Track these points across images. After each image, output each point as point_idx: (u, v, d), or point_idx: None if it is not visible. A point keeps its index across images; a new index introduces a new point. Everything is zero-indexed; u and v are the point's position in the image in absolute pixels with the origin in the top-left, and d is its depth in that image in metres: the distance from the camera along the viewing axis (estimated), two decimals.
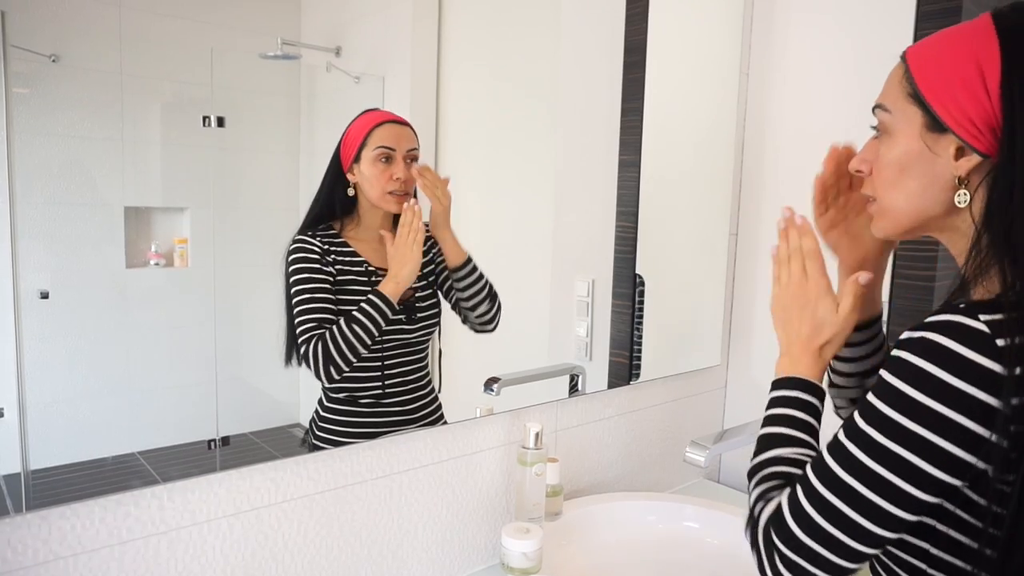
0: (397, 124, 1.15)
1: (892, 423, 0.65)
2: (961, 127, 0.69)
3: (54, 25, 0.87)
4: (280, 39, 1.05)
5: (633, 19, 1.51)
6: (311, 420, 1.14)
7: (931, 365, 0.63)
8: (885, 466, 0.66)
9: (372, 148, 1.12)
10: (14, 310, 0.86)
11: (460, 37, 1.26)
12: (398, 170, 1.14)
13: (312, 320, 1.09)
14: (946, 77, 0.70)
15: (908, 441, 0.64)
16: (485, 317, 1.27)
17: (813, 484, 0.70)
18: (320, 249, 1.11)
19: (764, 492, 0.78)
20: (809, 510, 0.70)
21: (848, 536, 0.68)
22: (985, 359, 0.61)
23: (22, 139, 0.84)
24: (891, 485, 0.65)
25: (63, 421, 0.91)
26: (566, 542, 1.33)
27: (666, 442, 1.71)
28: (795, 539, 0.70)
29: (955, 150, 0.71)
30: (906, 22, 1.44)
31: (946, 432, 0.63)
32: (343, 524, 1.13)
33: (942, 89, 0.70)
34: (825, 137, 1.62)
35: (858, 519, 0.67)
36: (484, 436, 1.30)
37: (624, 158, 1.54)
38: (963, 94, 0.69)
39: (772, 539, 0.72)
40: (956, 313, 0.64)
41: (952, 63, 0.70)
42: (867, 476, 0.67)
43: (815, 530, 0.69)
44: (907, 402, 0.65)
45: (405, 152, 1.15)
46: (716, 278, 1.78)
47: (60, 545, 0.87)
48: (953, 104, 0.69)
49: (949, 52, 0.71)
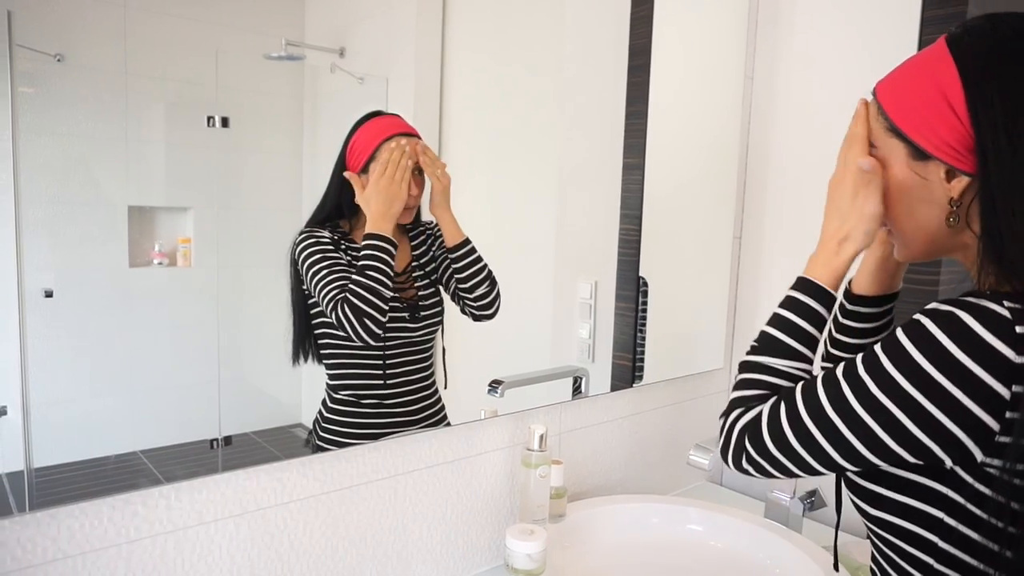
0: (408, 138, 1.15)
1: (891, 380, 0.67)
2: (943, 152, 0.71)
3: (59, 25, 0.87)
4: (284, 40, 1.05)
5: (638, 22, 1.51)
6: (315, 421, 1.14)
7: (947, 338, 0.64)
8: (873, 416, 0.68)
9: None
10: (18, 309, 0.86)
11: (464, 38, 1.26)
12: (411, 187, 1.14)
13: (335, 287, 1.09)
14: (916, 107, 0.73)
15: (900, 399, 0.66)
16: (484, 300, 1.26)
17: (798, 408, 0.74)
18: (331, 239, 1.11)
19: (746, 397, 0.82)
20: (786, 428, 0.74)
21: (813, 458, 0.73)
22: (1002, 344, 0.62)
23: (27, 138, 0.85)
24: (872, 433, 0.68)
25: (66, 419, 0.91)
26: (570, 544, 1.32)
27: (669, 445, 1.70)
28: (764, 447, 0.76)
29: (944, 173, 0.72)
30: (911, 27, 1.44)
31: (944, 405, 0.64)
32: (348, 525, 1.12)
33: (916, 119, 0.73)
34: (829, 141, 1.62)
35: (829, 450, 0.71)
36: (488, 438, 1.30)
37: (628, 161, 1.54)
38: (936, 121, 0.71)
39: (744, 442, 0.78)
40: (983, 297, 0.65)
41: (919, 93, 0.73)
42: (852, 418, 0.69)
43: (785, 445, 0.74)
44: (913, 367, 0.66)
45: (416, 166, 1.15)
46: (719, 281, 1.77)
47: (69, 544, 0.87)
48: (930, 132, 0.72)
49: (914, 82, 0.73)
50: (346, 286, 1.09)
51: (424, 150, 1.17)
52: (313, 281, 1.10)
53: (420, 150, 1.16)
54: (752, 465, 0.78)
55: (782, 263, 1.74)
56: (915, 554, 0.71)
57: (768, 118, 1.74)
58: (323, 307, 1.10)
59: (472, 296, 1.25)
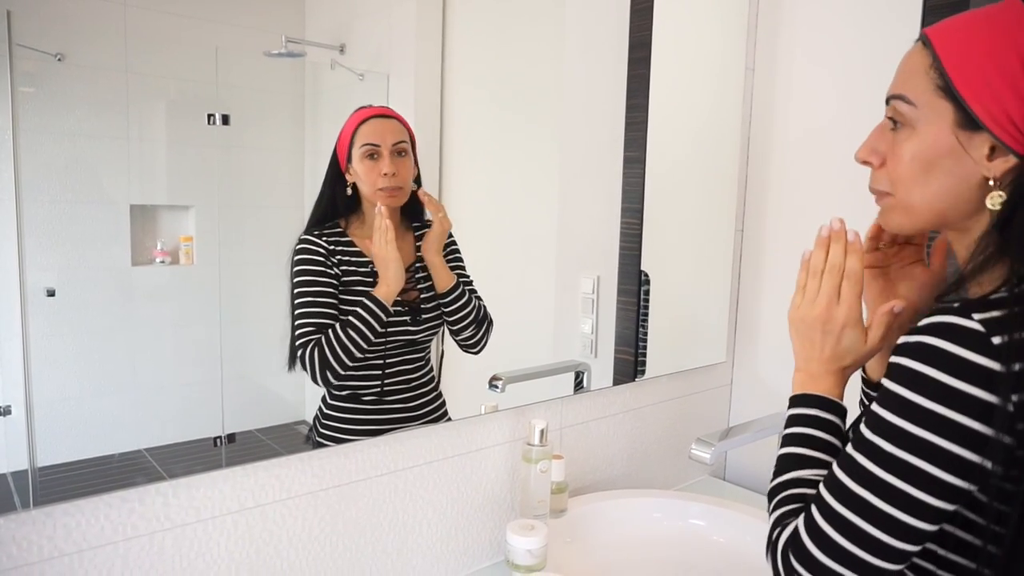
0: (381, 119, 1.14)
1: (897, 430, 0.64)
2: (999, 126, 0.65)
3: (60, 24, 0.87)
4: (284, 37, 1.05)
5: (638, 15, 1.51)
6: (315, 417, 1.14)
7: (928, 368, 0.62)
8: (895, 474, 0.64)
9: (359, 146, 1.12)
10: (21, 308, 0.86)
11: (464, 33, 1.26)
12: (385, 165, 1.13)
13: (311, 325, 1.09)
14: (984, 70, 0.65)
15: (914, 446, 0.63)
16: (469, 342, 1.27)
17: (827, 500, 0.68)
18: (325, 250, 1.11)
19: (781, 516, 0.74)
20: (825, 527, 0.67)
21: (867, 552, 0.65)
22: (982, 357, 0.60)
23: (28, 137, 0.85)
24: (903, 493, 0.63)
25: (70, 418, 0.91)
26: (571, 539, 1.33)
27: (671, 439, 1.71)
28: (813, 559, 0.67)
29: (989, 149, 0.66)
30: (913, 15, 1.43)
31: (950, 434, 0.62)
32: (348, 521, 1.13)
33: (980, 84, 0.65)
34: (831, 132, 1.62)
35: (875, 532, 0.65)
36: (489, 433, 1.30)
37: (629, 154, 1.54)
38: (1004, 91, 0.64)
39: (791, 563, 0.69)
40: (949, 314, 0.63)
41: (991, 54, 0.65)
42: (878, 486, 0.65)
43: (832, 548, 0.66)
44: (909, 407, 0.63)
45: (391, 146, 1.13)
46: (722, 274, 1.77)
47: (65, 542, 0.87)
48: (992, 101, 0.65)
49: (986, 41, 0.65)
50: (321, 327, 1.09)
51: (424, 194, 1.18)
52: (294, 304, 1.10)
53: (421, 194, 1.17)
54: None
55: (784, 256, 1.73)
56: (917, 562, 0.70)
57: (769, 111, 1.74)
58: (292, 337, 1.09)
59: (459, 337, 1.25)
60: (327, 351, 1.09)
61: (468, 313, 1.24)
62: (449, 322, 1.24)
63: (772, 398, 1.76)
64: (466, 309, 1.24)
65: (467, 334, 1.25)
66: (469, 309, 1.24)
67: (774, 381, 1.77)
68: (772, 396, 1.77)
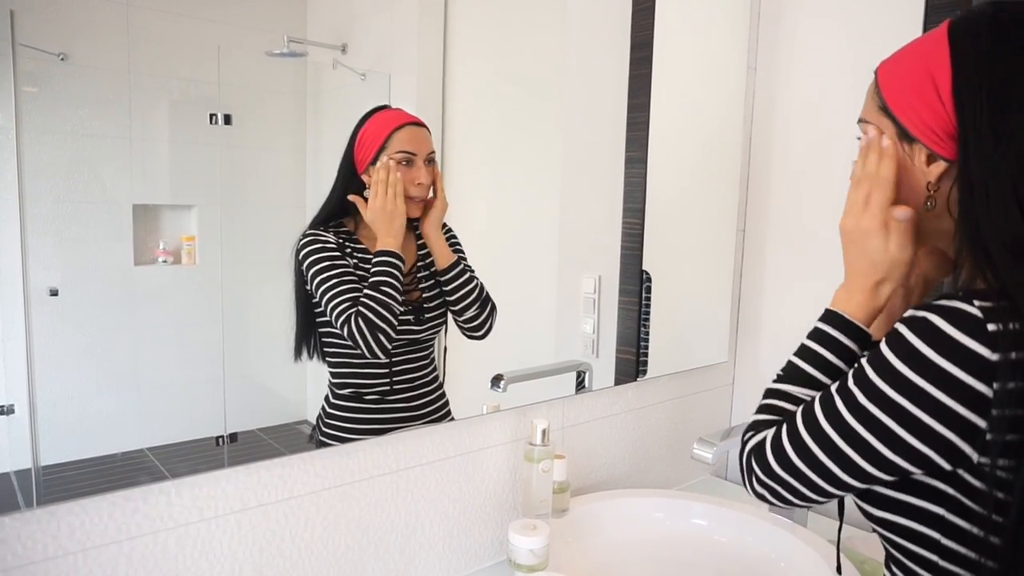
0: (417, 127, 1.14)
1: (878, 390, 0.68)
2: (925, 136, 0.73)
3: (62, 24, 0.87)
4: (286, 36, 1.05)
5: (640, 14, 1.51)
6: (317, 416, 1.14)
7: (921, 343, 0.66)
8: (864, 426, 0.69)
9: (393, 152, 1.12)
10: (24, 307, 0.86)
11: (466, 33, 1.26)
12: (420, 175, 1.13)
13: (346, 299, 1.09)
14: (906, 89, 0.75)
15: (889, 408, 0.67)
16: (474, 323, 1.25)
17: (797, 425, 0.75)
18: (336, 243, 1.11)
19: (758, 422, 0.83)
20: (788, 448, 0.75)
21: (818, 476, 0.73)
22: (975, 343, 0.63)
23: (31, 137, 0.85)
24: (867, 444, 0.69)
25: (73, 417, 0.91)
26: (573, 539, 1.33)
27: (673, 439, 1.71)
28: (770, 468, 0.77)
29: (926, 157, 0.75)
30: (915, 16, 1.43)
31: (926, 406, 0.65)
32: (350, 520, 1.13)
33: (904, 101, 0.75)
34: (833, 132, 1.62)
35: (830, 465, 0.72)
36: (491, 432, 1.30)
37: (631, 154, 1.54)
38: (921, 105, 0.73)
39: (752, 465, 0.79)
40: (954, 299, 0.66)
41: (910, 75, 0.74)
42: (846, 431, 0.70)
43: (788, 465, 0.75)
44: (895, 374, 0.67)
45: (426, 155, 1.14)
46: (723, 274, 1.77)
47: (69, 540, 0.87)
48: (914, 114, 0.74)
49: (908, 64, 0.75)
50: (358, 299, 1.09)
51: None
52: (320, 290, 1.09)
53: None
54: (764, 488, 0.79)
55: (785, 256, 1.73)
56: (920, 552, 0.71)
57: (771, 110, 1.74)
58: (332, 320, 1.09)
59: (462, 318, 1.24)
60: (371, 315, 1.09)
61: (470, 291, 1.23)
62: (451, 302, 1.23)
63: None
64: (468, 287, 1.23)
65: (470, 314, 1.24)
66: (471, 287, 1.23)
67: None
68: None
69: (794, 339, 0.87)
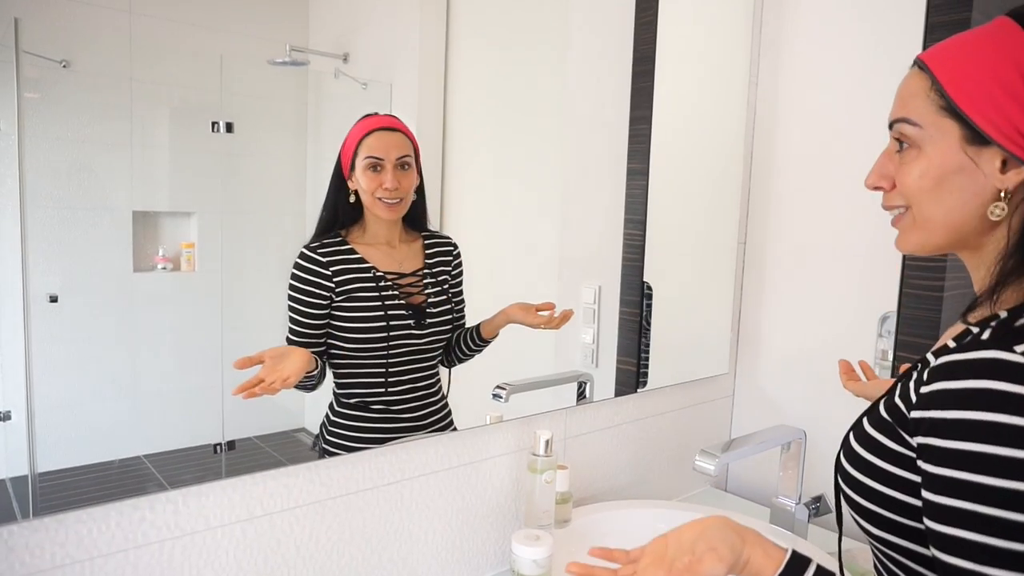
0: (386, 131, 1.14)
1: (980, 487, 0.59)
2: (1007, 138, 0.65)
3: (66, 31, 0.88)
4: (288, 45, 1.05)
5: (642, 28, 1.52)
6: (321, 425, 1.13)
7: (997, 414, 0.58)
8: (1004, 537, 0.58)
9: (362, 157, 1.12)
10: (23, 313, 0.86)
11: (468, 43, 1.26)
12: (387, 179, 1.13)
13: (289, 342, 1.10)
14: (984, 86, 0.66)
15: (1008, 500, 0.58)
16: (452, 364, 1.30)
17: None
18: (323, 262, 1.11)
19: None
20: None
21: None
22: None
23: (32, 143, 0.85)
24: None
25: (70, 424, 0.91)
26: (576, 549, 1.31)
27: (674, 450, 1.70)
28: None
29: (1000, 163, 0.66)
30: (915, 32, 1.43)
31: None
32: (354, 530, 1.12)
33: (982, 99, 0.66)
34: (834, 146, 1.63)
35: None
36: (494, 443, 1.29)
37: (632, 166, 1.54)
38: (1008, 103, 0.64)
39: None
40: (986, 348, 0.60)
41: (988, 69, 0.65)
42: (999, 556, 0.59)
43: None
44: (1003, 462, 0.58)
45: (395, 160, 1.13)
46: (724, 286, 1.77)
47: (77, 549, 0.87)
48: (997, 114, 0.65)
49: (981, 58, 0.66)
50: (300, 346, 1.10)
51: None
52: (288, 316, 1.11)
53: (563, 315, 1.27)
54: None
55: (786, 268, 1.73)
56: (919, 570, 0.69)
57: (772, 124, 1.74)
58: None
59: (451, 359, 1.28)
60: None
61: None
62: (461, 352, 1.28)
63: (774, 409, 1.76)
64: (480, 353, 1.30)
65: (459, 362, 1.29)
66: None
67: (776, 393, 1.76)
68: (774, 408, 1.76)
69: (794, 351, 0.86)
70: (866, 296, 1.57)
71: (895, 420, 0.69)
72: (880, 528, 0.72)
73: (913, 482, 0.67)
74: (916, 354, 1.41)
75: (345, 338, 1.12)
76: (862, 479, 0.72)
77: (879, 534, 0.72)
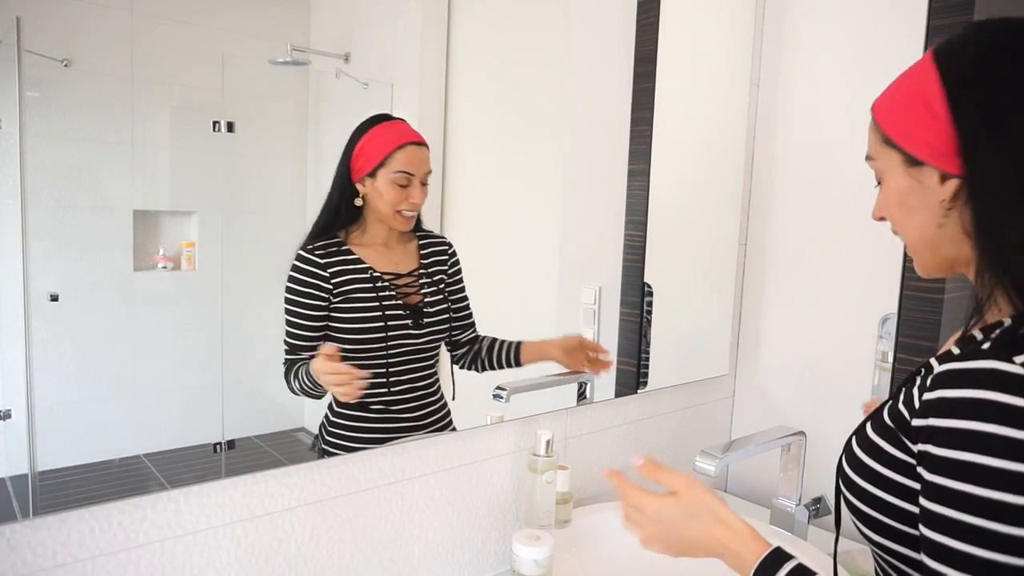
0: (418, 147, 1.15)
1: (980, 500, 0.60)
2: (932, 157, 0.72)
3: (67, 30, 0.88)
4: (290, 45, 1.05)
5: (644, 29, 1.52)
6: (320, 425, 1.13)
7: (994, 426, 0.59)
8: (992, 548, 0.59)
9: (392, 170, 1.12)
10: (24, 312, 0.86)
11: (469, 44, 1.26)
12: (415, 195, 1.14)
13: (287, 345, 1.10)
14: (903, 116, 0.74)
15: (1003, 513, 0.59)
16: (481, 370, 1.32)
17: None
18: (321, 263, 1.11)
19: None
20: None
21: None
22: None
23: (33, 142, 0.85)
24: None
25: (70, 423, 0.91)
26: (576, 550, 1.32)
27: (674, 450, 1.70)
28: None
29: (938, 177, 0.72)
30: (916, 37, 1.43)
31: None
32: (355, 529, 1.12)
33: (903, 128, 0.74)
34: (835, 147, 1.63)
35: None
36: (494, 443, 1.29)
37: (633, 167, 1.54)
38: (920, 127, 0.72)
39: None
40: (985, 358, 0.61)
41: (905, 102, 0.74)
42: (986, 567, 0.60)
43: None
44: (996, 474, 0.59)
45: (423, 176, 1.15)
46: (725, 287, 1.77)
47: (79, 548, 0.87)
48: (916, 138, 0.73)
49: (902, 93, 0.75)
50: (295, 348, 1.10)
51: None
52: (284, 320, 1.11)
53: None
54: None
55: (786, 269, 1.73)
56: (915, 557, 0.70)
57: (774, 125, 1.74)
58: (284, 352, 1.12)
59: (466, 364, 1.30)
60: (290, 378, 1.10)
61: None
62: (486, 362, 1.31)
63: (774, 411, 1.75)
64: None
65: (485, 370, 1.31)
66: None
67: (776, 394, 1.76)
68: (774, 409, 1.76)
69: (795, 353, 0.87)
70: (867, 298, 1.56)
71: (898, 426, 0.70)
72: (880, 534, 0.72)
73: (914, 489, 0.67)
74: (916, 356, 1.41)
75: (344, 339, 1.12)
76: (863, 484, 0.73)
77: (879, 540, 0.73)
